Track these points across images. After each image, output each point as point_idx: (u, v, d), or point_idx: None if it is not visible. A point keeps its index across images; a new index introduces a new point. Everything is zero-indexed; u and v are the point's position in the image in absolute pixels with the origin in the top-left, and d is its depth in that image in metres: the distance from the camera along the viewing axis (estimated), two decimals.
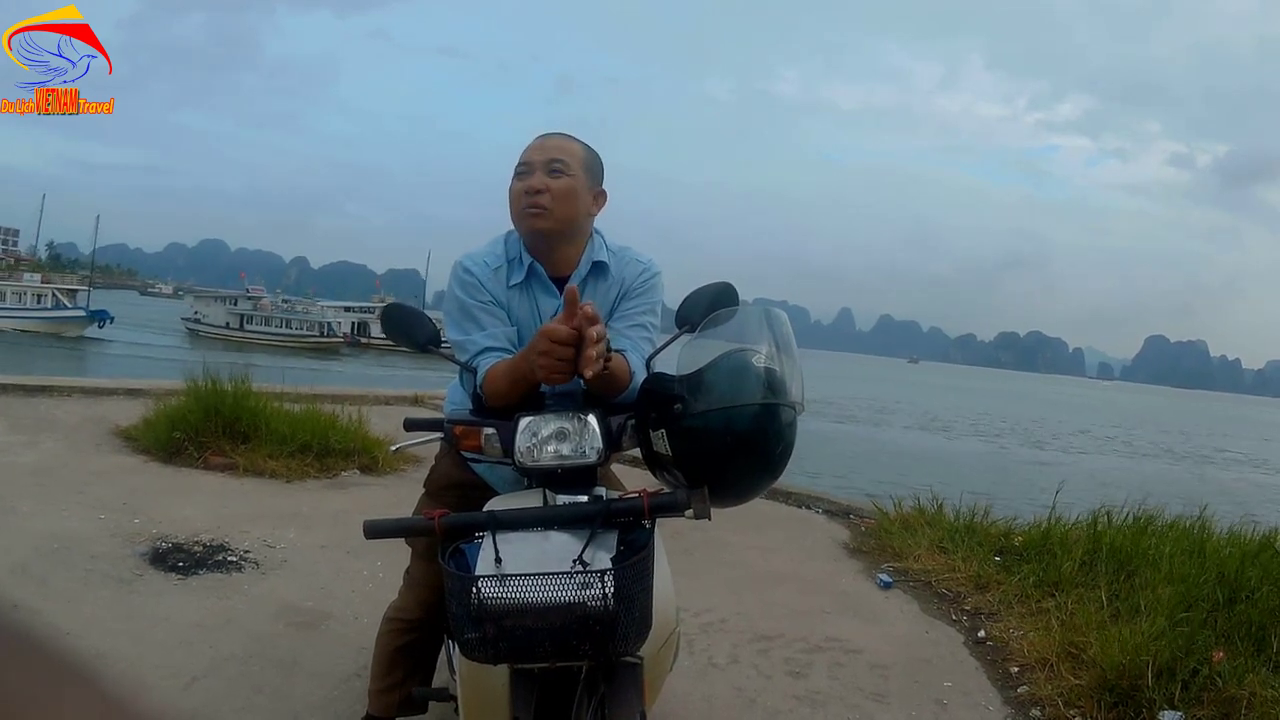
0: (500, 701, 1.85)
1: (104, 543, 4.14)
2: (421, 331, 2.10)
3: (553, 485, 1.87)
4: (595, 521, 1.71)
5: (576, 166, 2.11)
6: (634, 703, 1.81)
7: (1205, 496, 6.19)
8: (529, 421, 1.84)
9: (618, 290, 2.22)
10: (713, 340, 1.85)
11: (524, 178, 2.09)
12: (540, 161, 2.09)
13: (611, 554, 1.70)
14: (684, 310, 2.09)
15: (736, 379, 1.74)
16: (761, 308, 1.89)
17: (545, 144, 2.14)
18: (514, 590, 1.61)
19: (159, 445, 5.82)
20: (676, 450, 1.76)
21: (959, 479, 10.73)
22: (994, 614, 4.25)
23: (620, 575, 1.63)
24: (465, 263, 2.16)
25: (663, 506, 1.74)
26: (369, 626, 2.95)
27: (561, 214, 2.10)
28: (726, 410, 1.71)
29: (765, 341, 1.78)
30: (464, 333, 2.11)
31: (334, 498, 5.42)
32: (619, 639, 1.64)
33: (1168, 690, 3.22)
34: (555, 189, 2.07)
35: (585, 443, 1.84)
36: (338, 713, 2.89)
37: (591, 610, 1.60)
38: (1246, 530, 4.69)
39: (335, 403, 7.07)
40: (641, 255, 2.26)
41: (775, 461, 1.77)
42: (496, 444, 1.88)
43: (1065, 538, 4.85)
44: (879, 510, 5.92)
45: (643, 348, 2.13)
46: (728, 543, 4.97)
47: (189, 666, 3.09)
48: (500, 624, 1.61)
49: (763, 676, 3.50)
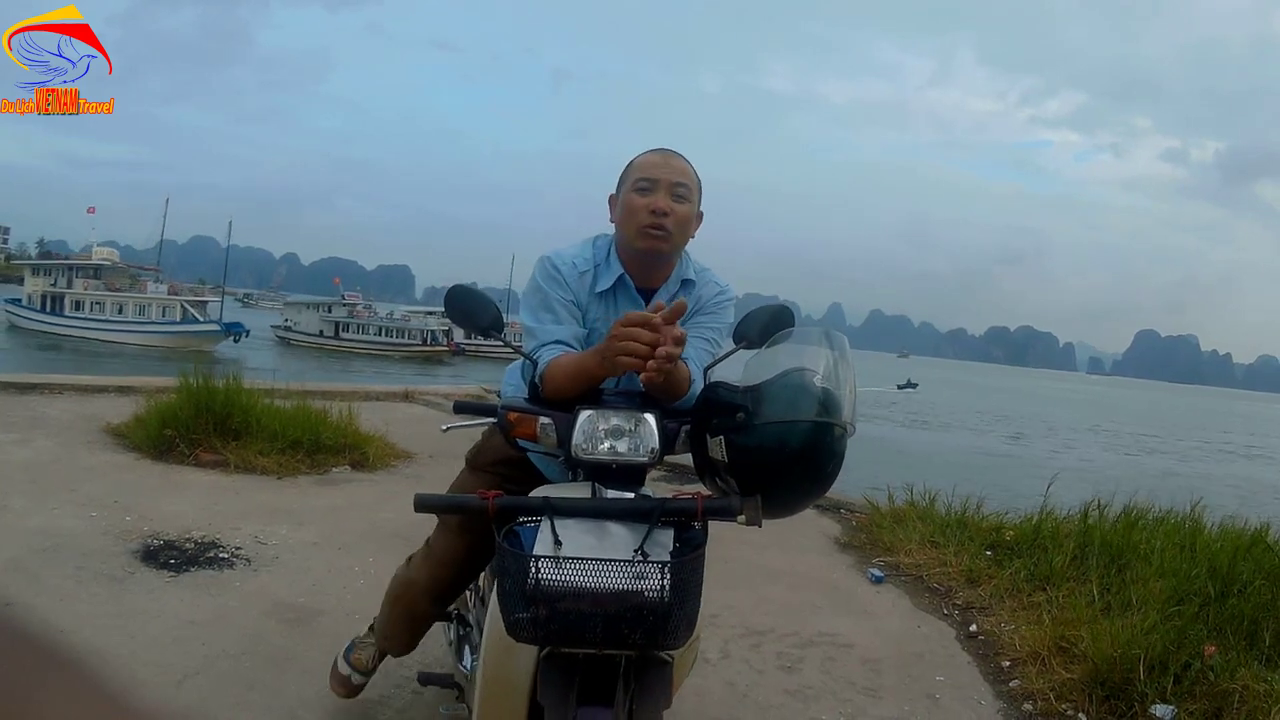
0: (522, 687, 1.89)
1: (96, 540, 4.13)
2: (484, 315, 2.11)
3: (602, 480, 1.91)
4: (653, 518, 1.75)
5: (694, 192, 2.16)
6: (661, 700, 1.86)
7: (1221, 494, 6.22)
8: (589, 415, 1.88)
9: (694, 306, 2.28)
10: (776, 356, 1.91)
11: (648, 194, 2.11)
12: (666, 182, 2.11)
13: (669, 550, 1.75)
14: (743, 327, 2.19)
15: (796, 395, 1.79)
16: (823, 329, 1.94)
17: (670, 163, 2.15)
18: (572, 573, 1.65)
19: (150, 442, 5.80)
20: (733, 458, 1.81)
21: (959, 477, 10.74)
22: (985, 608, 4.27)
23: (677, 569, 1.68)
24: (555, 259, 2.19)
25: (717, 510, 1.80)
26: (362, 622, 2.95)
27: (679, 239, 2.16)
28: (784, 424, 1.77)
29: (825, 361, 1.84)
30: (538, 321, 2.14)
31: (325, 494, 5.41)
32: (669, 631, 1.69)
33: (1159, 684, 3.23)
34: (679, 214, 2.11)
35: (642, 441, 1.89)
36: (331, 709, 2.88)
37: (648, 600, 1.66)
38: (1238, 524, 4.71)
39: (326, 399, 7.05)
40: (720, 279, 2.34)
41: (825, 477, 1.83)
42: (552, 434, 1.92)
43: (1056, 532, 4.87)
44: (870, 505, 5.92)
45: (703, 359, 2.19)
46: (718, 538, 4.93)
47: (181, 663, 3.08)
48: (554, 606, 1.65)
49: (754, 671, 3.51)
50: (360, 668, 2.78)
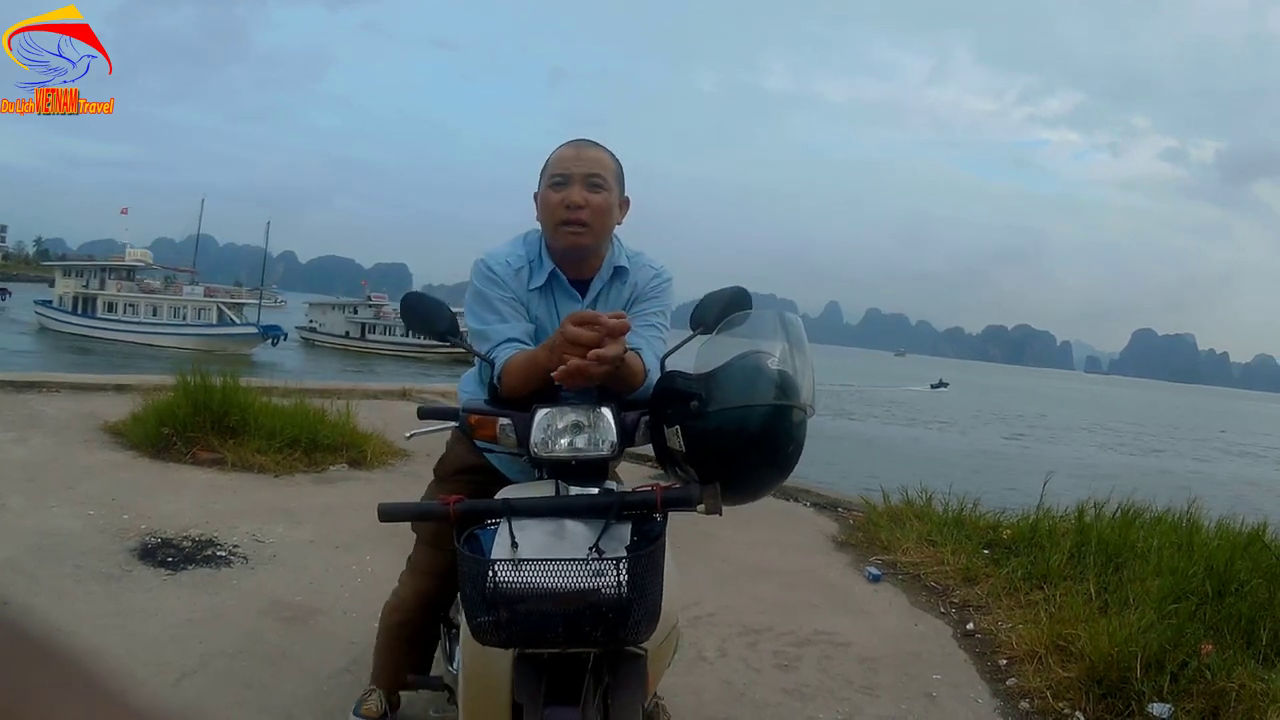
0: (502, 688, 1.88)
1: (93, 538, 4.12)
2: (440, 320, 2.11)
3: (565, 477, 1.90)
4: (610, 512, 1.75)
5: (611, 180, 2.13)
6: (638, 693, 1.84)
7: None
8: (546, 413, 1.87)
9: (631, 293, 2.27)
10: (729, 341, 1.90)
11: (562, 189, 2.10)
12: (579, 175, 2.10)
13: (625, 544, 1.74)
14: (699, 312, 2.11)
15: (751, 379, 1.78)
16: (777, 311, 1.92)
17: (582, 154, 2.13)
18: (529, 575, 1.64)
19: (147, 441, 5.80)
20: (690, 446, 1.80)
21: (961, 475, 10.75)
22: (982, 607, 4.27)
23: (634, 564, 1.66)
24: (488, 260, 2.19)
25: (675, 500, 1.78)
26: (358, 621, 2.95)
27: (599, 229, 2.14)
28: (740, 409, 1.75)
29: (779, 344, 1.83)
30: (484, 323, 2.14)
31: (322, 492, 5.41)
32: (630, 627, 1.67)
33: (1157, 682, 3.24)
34: (595, 204, 2.10)
35: (600, 436, 1.87)
36: (327, 707, 2.88)
37: (605, 597, 1.64)
38: (1235, 523, 4.72)
39: (323, 397, 7.05)
40: (654, 261, 2.32)
41: (785, 461, 1.81)
42: (511, 434, 1.91)
43: (1053, 530, 4.87)
44: (867, 504, 5.92)
45: (656, 346, 2.17)
46: (715, 536, 4.98)
47: (178, 662, 3.08)
48: (514, 608, 1.64)
49: (751, 670, 3.51)
50: (372, 716, 2.68)
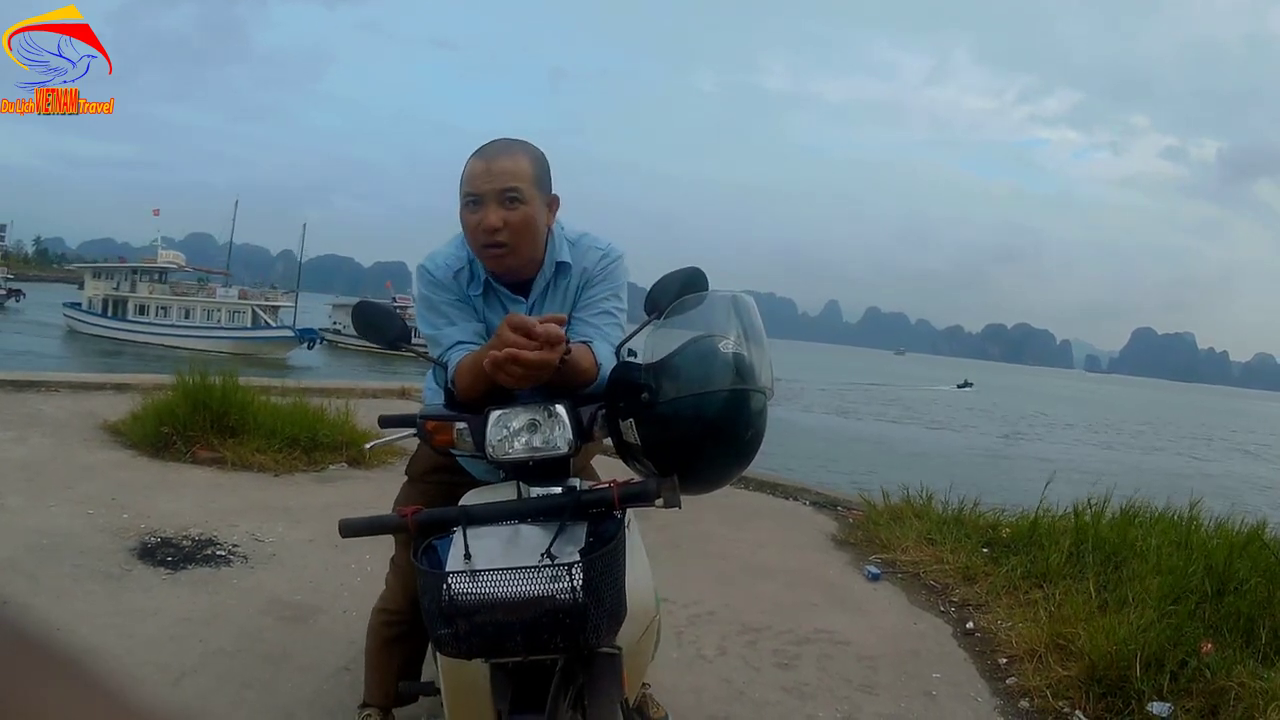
0: (482, 695, 1.85)
1: (93, 538, 4.12)
2: (390, 328, 2.05)
3: (526, 478, 1.85)
4: (565, 514, 1.71)
5: (529, 188, 2.02)
6: (613, 692, 1.81)
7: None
8: (499, 415, 1.82)
9: (579, 280, 2.19)
10: (680, 327, 1.82)
11: (476, 210, 2.01)
12: (492, 192, 1.99)
13: (580, 546, 1.69)
14: (654, 295, 1.97)
15: (704, 365, 1.72)
16: (729, 293, 1.84)
17: (492, 167, 2.00)
18: (484, 585, 1.60)
19: (147, 440, 5.79)
20: (645, 439, 1.75)
21: (961, 474, 10.76)
22: (982, 605, 4.27)
23: (588, 567, 1.62)
24: (427, 265, 2.16)
25: (633, 496, 1.73)
26: (357, 620, 2.95)
27: (525, 245, 2.06)
28: (695, 397, 1.70)
29: (733, 327, 1.76)
30: (434, 328, 2.11)
31: (322, 491, 5.41)
32: (590, 631, 1.63)
33: (1156, 681, 3.24)
34: (514, 223, 2.00)
35: (555, 434, 1.81)
36: (327, 706, 2.88)
37: (560, 603, 1.59)
38: (1235, 522, 4.71)
39: (323, 396, 7.04)
40: (600, 241, 2.23)
41: (745, 447, 1.75)
42: (468, 438, 1.86)
43: (1053, 529, 4.87)
44: (866, 502, 5.93)
45: (611, 335, 2.11)
46: (715, 535, 4.98)
47: (178, 661, 3.08)
48: (472, 619, 1.61)
49: (751, 668, 3.51)
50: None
